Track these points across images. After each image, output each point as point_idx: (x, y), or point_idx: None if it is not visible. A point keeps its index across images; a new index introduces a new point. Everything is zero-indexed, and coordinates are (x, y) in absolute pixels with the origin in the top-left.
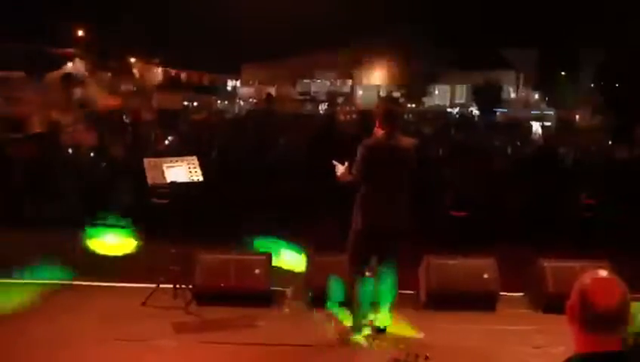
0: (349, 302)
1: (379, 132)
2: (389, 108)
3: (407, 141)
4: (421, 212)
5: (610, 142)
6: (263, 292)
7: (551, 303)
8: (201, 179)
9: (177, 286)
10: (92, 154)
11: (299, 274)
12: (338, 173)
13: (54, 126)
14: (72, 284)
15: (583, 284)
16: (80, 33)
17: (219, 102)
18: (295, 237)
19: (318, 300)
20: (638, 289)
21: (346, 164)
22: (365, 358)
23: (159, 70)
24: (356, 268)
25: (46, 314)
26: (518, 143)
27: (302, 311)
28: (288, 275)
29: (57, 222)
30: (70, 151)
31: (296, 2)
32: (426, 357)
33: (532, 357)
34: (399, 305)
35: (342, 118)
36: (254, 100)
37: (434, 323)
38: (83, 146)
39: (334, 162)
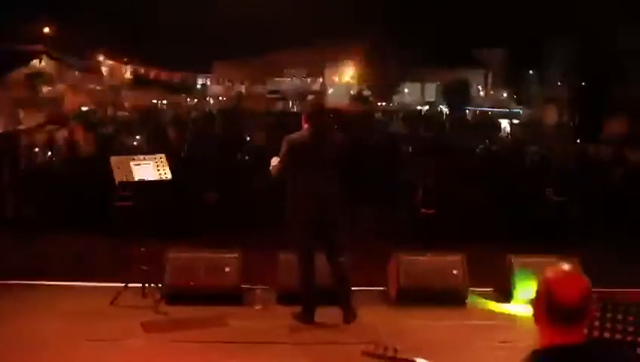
0: (301, 290)
1: (304, 127)
2: (314, 104)
3: (335, 136)
4: (390, 209)
5: (578, 140)
6: (233, 291)
7: (519, 298)
8: (169, 177)
9: (146, 285)
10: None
11: (268, 272)
12: (270, 166)
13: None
14: (40, 284)
15: (547, 278)
16: (46, 30)
17: (188, 100)
18: (263, 236)
19: (287, 298)
20: (604, 285)
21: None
22: (335, 352)
23: (128, 68)
24: (300, 260)
25: (15, 314)
26: (487, 141)
27: (272, 308)
28: (258, 273)
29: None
30: (37, 149)
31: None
32: (395, 350)
33: (499, 351)
34: (369, 301)
35: None
36: (224, 98)
37: (404, 319)
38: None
39: (273, 157)
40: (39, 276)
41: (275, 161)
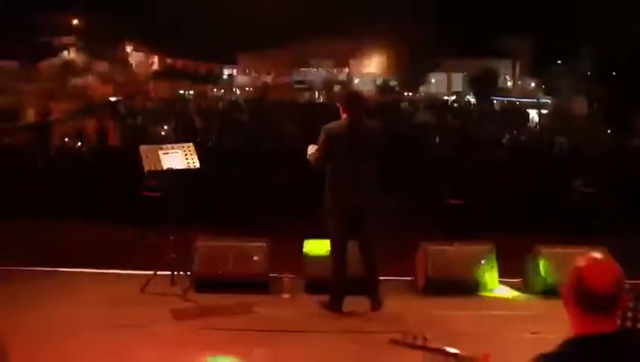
0: (331, 279)
1: (342, 116)
2: (351, 93)
3: (372, 125)
4: (419, 200)
5: (608, 131)
6: (261, 279)
7: (548, 289)
8: (197, 165)
9: (175, 273)
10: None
11: (296, 260)
12: (308, 155)
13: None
14: (70, 271)
15: (578, 266)
16: (75, 22)
17: (215, 90)
18: (291, 224)
19: (315, 286)
20: (634, 276)
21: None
22: (363, 341)
23: (155, 59)
24: (333, 249)
25: (45, 301)
26: (515, 131)
27: (300, 297)
28: (286, 262)
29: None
30: (67, 139)
31: None
32: (425, 339)
33: (530, 342)
34: (397, 291)
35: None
36: (250, 89)
37: (431, 309)
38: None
39: (311, 144)
40: (69, 263)
41: (312, 149)
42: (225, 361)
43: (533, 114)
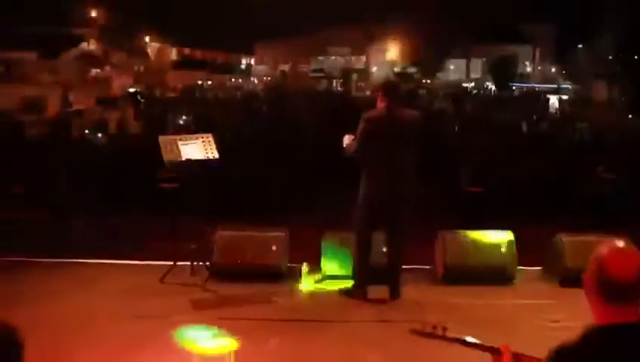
0: (355, 267)
1: (380, 105)
2: (389, 82)
3: (410, 113)
4: (437, 188)
5: (629, 116)
6: (279, 269)
7: (569, 277)
8: (216, 156)
9: (195, 263)
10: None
11: (315, 250)
12: (344, 145)
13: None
14: (90, 262)
15: (600, 255)
16: (93, 14)
17: (232, 80)
18: (308, 215)
19: (333, 276)
20: None
21: (353, 136)
22: (383, 330)
23: (173, 49)
24: (359, 238)
25: (64, 292)
26: (535, 118)
27: (317, 286)
28: (304, 252)
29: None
30: (87, 131)
31: None
32: (444, 329)
33: (550, 331)
34: (416, 279)
35: (357, 94)
36: (268, 78)
37: (451, 298)
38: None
39: (345, 135)
40: (89, 254)
41: (347, 139)
42: (192, 331)
43: (553, 100)
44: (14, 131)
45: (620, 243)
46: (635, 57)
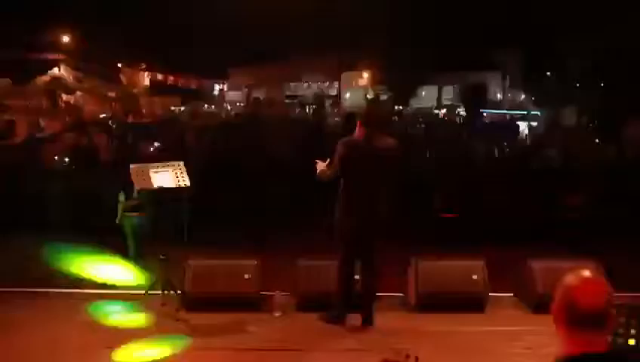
0: (336, 296)
1: (359, 132)
2: (369, 109)
3: (388, 141)
4: (410, 213)
5: (597, 141)
6: (252, 297)
7: (541, 303)
8: (188, 184)
9: (166, 292)
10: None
11: (288, 279)
12: (318, 171)
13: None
14: (59, 292)
15: (567, 284)
16: (65, 39)
17: (206, 106)
18: (282, 243)
19: (307, 304)
20: (625, 289)
21: (327, 161)
22: (357, 360)
23: (146, 75)
24: (343, 263)
25: (33, 323)
26: (505, 144)
27: (291, 315)
28: (277, 280)
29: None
30: (56, 158)
31: (282, 6)
32: (417, 359)
33: (522, 358)
34: (388, 306)
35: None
36: (242, 104)
37: (423, 325)
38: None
39: (316, 160)
40: (59, 284)
41: (321, 165)
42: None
43: (523, 126)
44: None
45: (586, 272)
46: (602, 84)
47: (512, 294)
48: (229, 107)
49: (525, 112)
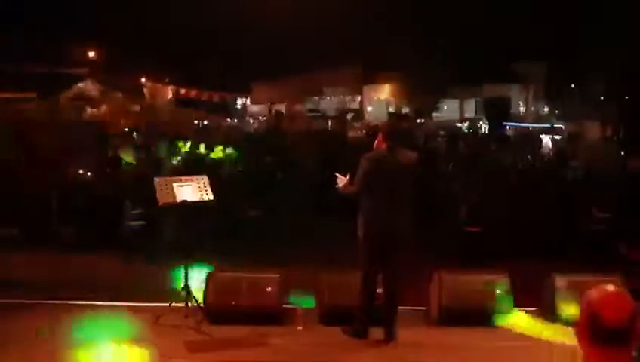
0: (359, 310)
1: (381, 146)
2: (391, 124)
3: (409, 155)
4: (434, 227)
5: (622, 153)
6: (275, 310)
7: (564, 318)
8: (211, 197)
9: (189, 305)
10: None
11: (310, 291)
12: (339, 185)
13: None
14: (85, 304)
15: (591, 299)
16: (91, 54)
17: (228, 120)
18: (307, 255)
19: (330, 317)
20: None
21: (348, 176)
22: None
23: (169, 89)
24: (366, 277)
25: (59, 335)
26: (529, 157)
27: (313, 328)
28: (300, 293)
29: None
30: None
31: (305, 20)
32: None
33: None
34: (411, 320)
35: (351, 134)
36: (264, 118)
37: (447, 339)
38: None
39: (336, 174)
40: (82, 296)
41: (342, 180)
42: None
43: (546, 139)
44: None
45: (610, 288)
46: (627, 97)
47: (536, 308)
48: (251, 121)
49: (549, 125)
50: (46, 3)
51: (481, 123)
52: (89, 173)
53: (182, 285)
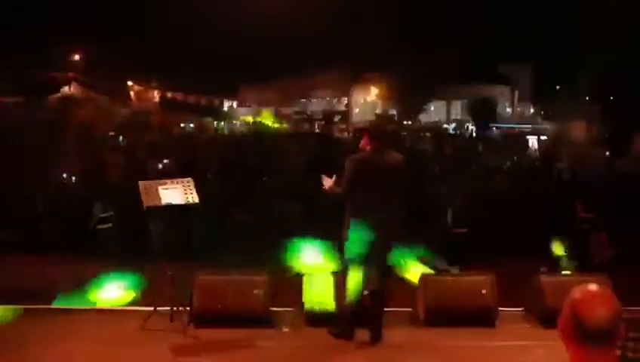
0: (345, 308)
1: (367, 147)
2: (377, 125)
3: (396, 157)
4: (421, 229)
5: (607, 154)
6: (261, 313)
7: (550, 318)
8: (197, 201)
9: (175, 308)
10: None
11: (296, 294)
12: (325, 186)
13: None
14: (69, 309)
15: (575, 299)
16: (76, 57)
17: (215, 123)
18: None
19: (316, 319)
20: (635, 304)
21: (334, 177)
22: None
23: (156, 93)
24: (352, 277)
25: (43, 340)
26: (515, 158)
27: (300, 330)
28: (286, 295)
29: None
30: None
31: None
32: None
33: None
34: (397, 322)
35: (338, 135)
36: (251, 121)
37: (433, 340)
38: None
39: (322, 175)
40: (66, 301)
41: (328, 181)
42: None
43: (532, 140)
44: None
45: (593, 287)
46: (612, 98)
47: (521, 309)
48: (238, 124)
49: (534, 126)
50: (32, 6)
51: (467, 124)
52: (73, 178)
53: (168, 288)
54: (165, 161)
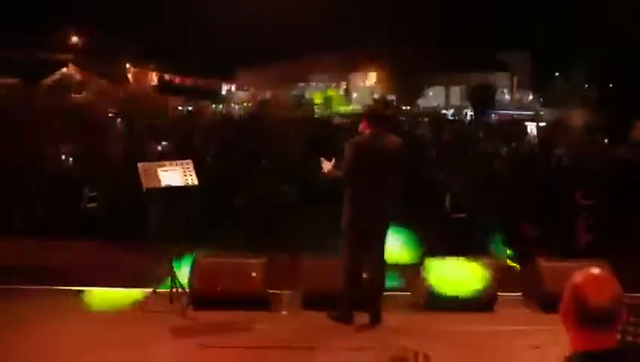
0: (344, 291)
1: (365, 131)
2: (375, 109)
3: (394, 140)
4: (420, 213)
5: (606, 141)
6: (260, 296)
7: (549, 303)
8: (196, 182)
9: (174, 290)
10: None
11: (294, 276)
12: (324, 170)
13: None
14: (68, 289)
15: (576, 282)
16: (74, 39)
17: (213, 106)
18: (289, 241)
19: (313, 302)
20: (636, 290)
21: (333, 160)
22: (364, 357)
23: (154, 75)
24: (349, 261)
25: (42, 320)
26: (514, 144)
27: (298, 313)
28: (284, 278)
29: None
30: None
31: (290, 6)
32: (426, 356)
33: (531, 357)
34: (397, 306)
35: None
36: (249, 104)
37: (432, 324)
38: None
39: (321, 159)
40: (67, 281)
41: (327, 164)
42: None
43: (531, 126)
44: None
45: (595, 270)
46: (610, 85)
47: (520, 293)
48: (236, 107)
49: (534, 113)
50: None
51: (466, 110)
52: (70, 160)
53: (167, 270)
54: (164, 143)
